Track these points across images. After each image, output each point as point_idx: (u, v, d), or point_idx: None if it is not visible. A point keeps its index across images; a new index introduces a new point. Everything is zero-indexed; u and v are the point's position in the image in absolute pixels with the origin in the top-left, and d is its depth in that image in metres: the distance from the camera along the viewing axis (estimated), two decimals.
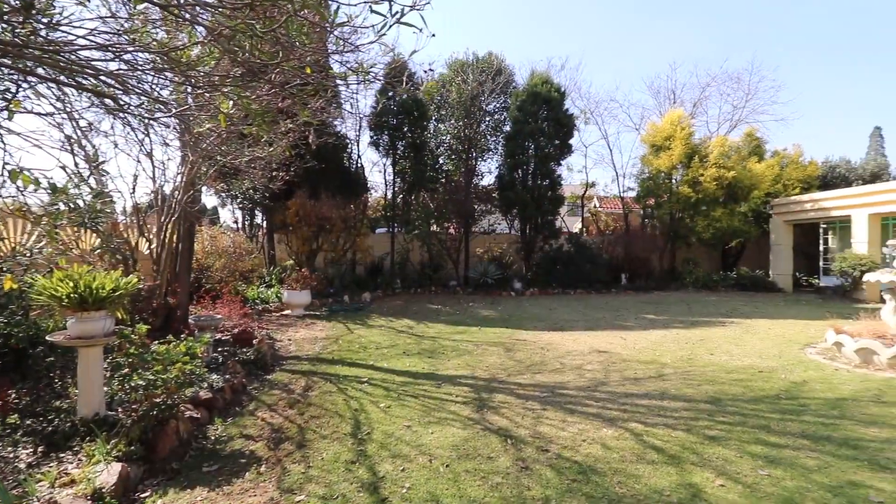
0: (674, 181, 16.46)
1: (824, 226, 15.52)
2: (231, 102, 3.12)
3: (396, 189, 14.97)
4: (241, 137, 5.16)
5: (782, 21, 50.24)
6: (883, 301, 6.35)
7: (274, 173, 8.40)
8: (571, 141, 15.47)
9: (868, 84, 61.30)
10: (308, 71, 2.82)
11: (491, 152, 16.58)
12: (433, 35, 2.26)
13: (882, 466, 3.10)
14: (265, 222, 13.67)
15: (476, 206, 15.21)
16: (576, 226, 23.11)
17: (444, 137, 16.07)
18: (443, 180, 15.09)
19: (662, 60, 43.51)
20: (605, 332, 8.06)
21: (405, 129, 13.92)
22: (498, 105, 16.08)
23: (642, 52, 49.74)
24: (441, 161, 15.89)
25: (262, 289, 10.64)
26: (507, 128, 15.60)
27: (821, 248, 15.75)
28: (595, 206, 23.64)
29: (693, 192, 15.49)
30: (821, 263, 15.62)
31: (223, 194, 13.23)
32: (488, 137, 16.28)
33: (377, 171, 15.73)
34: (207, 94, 3.65)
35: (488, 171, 17.39)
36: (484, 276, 14.10)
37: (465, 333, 7.86)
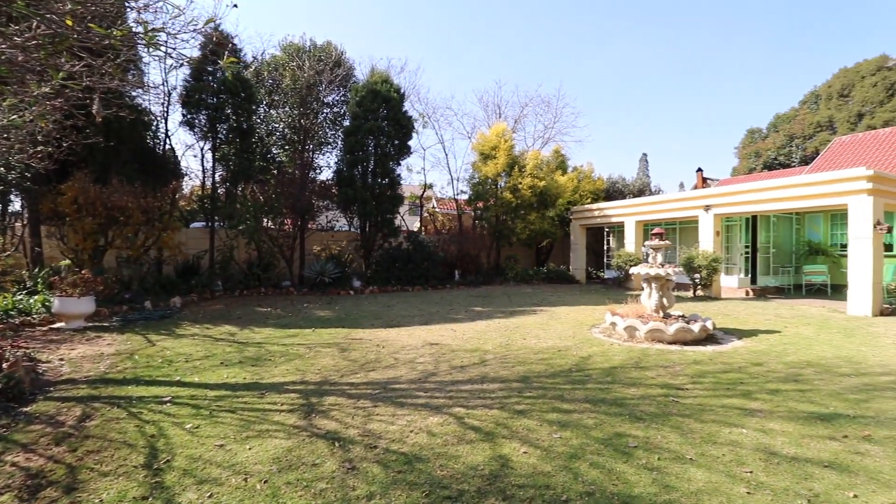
0: (499, 187, 18.37)
1: (607, 229, 19.22)
2: None
3: (218, 178, 13.27)
4: None
5: (582, 59, 60.78)
6: (642, 288, 8.12)
7: (40, 148, 6.56)
8: (411, 142, 15.92)
9: (640, 120, 79.28)
10: (68, 23, 2.22)
11: (330, 146, 16.01)
12: (235, 6, 2.01)
13: (638, 418, 3.92)
14: (26, 211, 10.60)
15: (314, 202, 14.49)
16: (415, 225, 23.98)
17: (276, 125, 14.88)
18: (275, 171, 13.95)
19: (490, 77, 48.41)
20: (438, 325, 8.50)
21: (228, 111, 12.40)
22: (337, 98, 15.61)
23: (473, 66, 54.39)
24: (274, 151, 14.68)
25: (20, 297, 8.23)
26: (347, 122, 15.27)
27: (605, 247, 19.48)
28: (433, 207, 24.89)
29: (514, 198, 17.52)
30: (605, 260, 19.33)
31: None
32: (327, 130, 15.67)
33: (192, 157, 13.71)
34: None
35: (327, 165, 16.80)
36: (321, 274, 13.51)
37: (297, 336, 7.38)
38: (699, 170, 25.38)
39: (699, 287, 13.38)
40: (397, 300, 12.11)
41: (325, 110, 15.36)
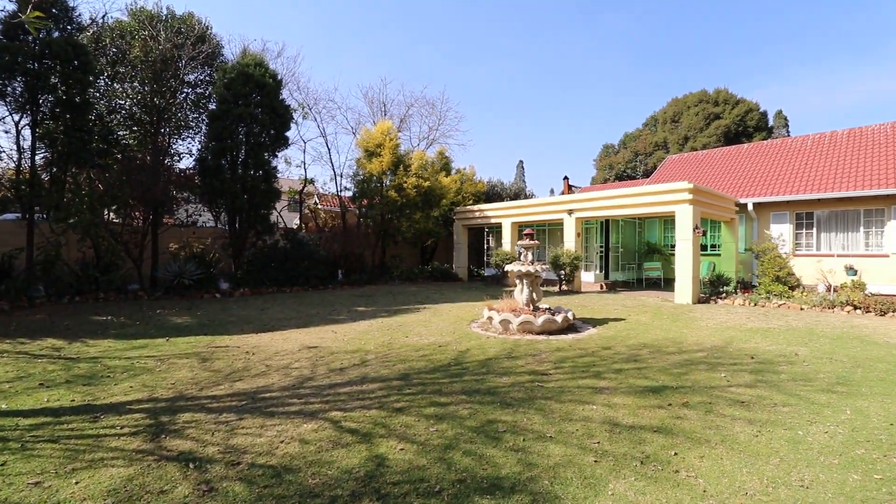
0: (384, 185, 18.23)
1: (487, 229, 20.37)
2: None
3: (41, 161, 10.91)
4: None
5: (465, 66, 63.44)
6: (515, 284, 8.73)
7: None
8: (289, 133, 14.88)
9: (518, 130, 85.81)
10: None
11: (192, 131, 14.21)
12: None
13: (507, 405, 4.18)
14: None
15: (171, 193, 12.69)
16: (295, 222, 22.62)
17: (122, 102, 12.74)
18: (119, 156, 11.91)
19: (375, 73, 47.88)
20: (318, 327, 8.10)
21: (55, 80, 10.23)
22: (201, 77, 13.93)
23: (358, 60, 53.32)
24: (119, 132, 12.54)
25: None
26: (214, 106, 13.71)
27: (485, 246, 20.61)
28: (315, 203, 23.74)
29: (399, 197, 17.54)
30: (485, 258, 20.45)
31: None
32: (188, 113, 13.87)
33: (3, 132, 11.04)
34: None
35: (188, 152, 14.87)
36: (180, 276, 11.93)
37: (146, 348, 6.40)
38: (566, 178, 28.30)
39: (564, 282, 14.89)
40: (272, 303, 11.27)
41: (185, 90, 13.56)
